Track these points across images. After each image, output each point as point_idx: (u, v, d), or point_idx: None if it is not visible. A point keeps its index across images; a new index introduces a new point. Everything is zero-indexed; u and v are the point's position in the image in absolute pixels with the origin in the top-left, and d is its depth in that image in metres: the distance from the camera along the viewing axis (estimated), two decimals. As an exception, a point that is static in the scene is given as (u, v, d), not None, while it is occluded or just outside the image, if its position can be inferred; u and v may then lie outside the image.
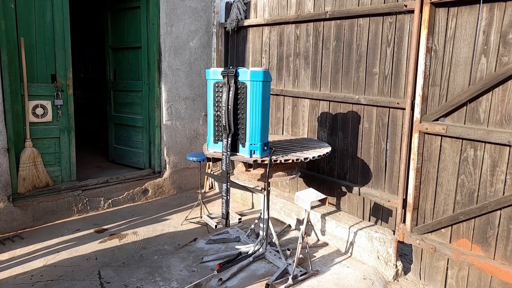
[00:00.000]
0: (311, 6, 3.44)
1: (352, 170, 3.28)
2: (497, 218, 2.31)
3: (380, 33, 2.94)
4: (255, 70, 2.49)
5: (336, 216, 3.22)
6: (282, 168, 2.77)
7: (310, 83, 3.55)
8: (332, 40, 3.31)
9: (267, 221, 2.91)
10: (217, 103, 2.61)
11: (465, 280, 2.51)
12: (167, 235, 3.38)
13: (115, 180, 4.11)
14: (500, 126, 2.26)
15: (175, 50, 4.27)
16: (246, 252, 2.97)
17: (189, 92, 4.45)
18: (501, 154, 2.27)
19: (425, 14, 2.49)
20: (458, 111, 2.44)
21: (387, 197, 2.95)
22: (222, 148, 2.61)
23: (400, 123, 2.87)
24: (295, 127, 3.77)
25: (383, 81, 2.96)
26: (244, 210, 4.04)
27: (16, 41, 3.32)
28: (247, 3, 4.14)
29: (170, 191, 4.43)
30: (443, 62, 2.50)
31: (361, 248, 2.98)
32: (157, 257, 2.98)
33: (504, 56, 2.22)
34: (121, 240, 3.26)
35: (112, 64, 4.74)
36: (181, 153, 4.46)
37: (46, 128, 3.63)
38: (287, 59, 3.77)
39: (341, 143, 3.34)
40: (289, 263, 2.78)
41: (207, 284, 2.63)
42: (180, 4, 4.23)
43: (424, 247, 2.64)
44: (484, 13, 2.29)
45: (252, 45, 4.15)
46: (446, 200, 2.56)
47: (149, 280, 2.67)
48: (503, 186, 2.27)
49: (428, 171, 2.63)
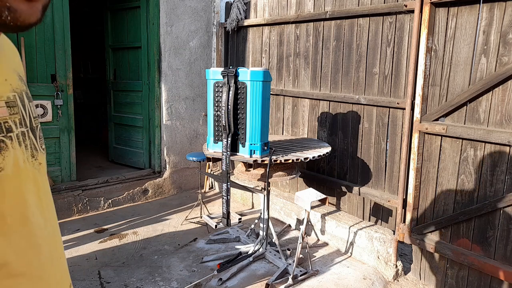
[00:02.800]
0: (311, 6, 3.44)
1: (352, 170, 3.28)
2: (497, 218, 2.31)
3: (380, 33, 2.94)
4: (255, 70, 2.49)
5: (336, 216, 3.22)
6: (282, 168, 2.77)
7: (310, 83, 3.55)
8: (332, 40, 3.31)
9: (267, 221, 2.91)
10: (217, 103, 2.61)
11: (465, 280, 2.51)
12: (167, 235, 3.38)
13: (115, 180, 4.11)
14: (500, 126, 2.26)
15: (175, 50, 4.27)
16: (246, 252, 2.97)
17: (189, 92, 4.45)
18: (501, 154, 2.27)
19: (425, 14, 2.49)
20: (458, 111, 2.44)
21: (387, 197, 2.95)
22: (222, 148, 2.61)
23: (400, 123, 2.87)
24: (295, 127, 3.77)
25: (383, 81, 2.96)
26: (244, 210, 4.04)
27: (16, 41, 3.32)
28: (247, 3, 4.14)
29: (170, 191, 4.43)
30: (443, 62, 2.50)
31: (361, 248, 2.98)
32: (157, 257, 2.98)
33: (504, 56, 2.22)
34: (121, 240, 3.26)
35: (112, 64, 4.74)
36: (181, 153, 4.46)
37: (46, 128, 3.63)
38: (287, 59, 3.77)
39: (341, 143, 3.34)
40: (289, 263, 2.78)
41: (207, 284, 2.63)
42: (180, 4, 4.23)
43: (424, 247, 2.64)
44: (484, 13, 2.29)
45: (252, 45, 4.15)
46: (446, 200, 2.56)
47: (149, 280, 2.67)
48: (503, 186, 2.27)
49: (428, 171, 2.63)
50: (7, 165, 0.55)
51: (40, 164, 0.66)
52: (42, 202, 0.65)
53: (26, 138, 0.62)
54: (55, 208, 0.74)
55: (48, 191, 0.70)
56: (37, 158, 0.65)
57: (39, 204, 0.64)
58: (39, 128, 0.68)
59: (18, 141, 0.59)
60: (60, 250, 0.71)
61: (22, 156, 0.59)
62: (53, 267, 0.66)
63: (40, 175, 0.65)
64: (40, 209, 0.64)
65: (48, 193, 0.70)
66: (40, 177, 0.65)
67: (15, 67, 0.67)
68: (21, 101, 0.62)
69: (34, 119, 0.66)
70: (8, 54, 0.67)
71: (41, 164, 0.66)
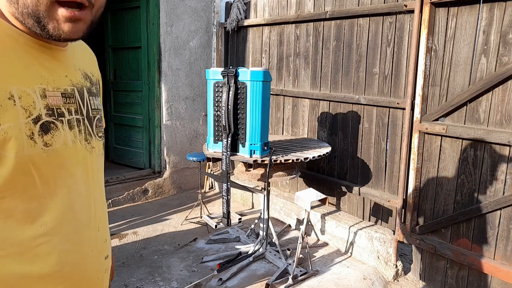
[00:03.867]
0: (311, 6, 3.44)
1: (352, 170, 3.28)
2: (497, 218, 2.31)
3: (380, 33, 2.94)
4: (255, 70, 2.49)
5: (336, 216, 3.22)
6: (282, 168, 2.77)
7: (310, 83, 3.55)
8: (332, 40, 3.31)
9: (267, 221, 2.91)
10: (217, 103, 2.61)
11: (465, 280, 2.51)
12: (167, 235, 3.38)
13: (115, 180, 4.11)
14: (500, 126, 2.26)
15: (175, 50, 4.27)
16: (246, 252, 2.97)
17: (189, 92, 4.45)
18: (501, 154, 2.27)
19: (425, 14, 2.49)
20: (458, 111, 2.44)
21: (387, 197, 2.95)
22: (222, 148, 2.61)
23: (400, 123, 2.87)
24: (295, 127, 3.77)
25: (383, 81, 2.96)
26: (244, 210, 4.04)
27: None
28: (247, 3, 4.14)
29: (170, 191, 4.43)
30: (443, 62, 2.49)
31: (361, 248, 2.98)
32: (157, 257, 2.98)
33: (504, 56, 2.22)
34: (121, 240, 3.26)
35: (112, 64, 4.74)
36: (181, 153, 4.46)
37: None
38: (287, 59, 3.77)
39: (341, 143, 3.34)
40: (289, 263, 2.78)
41: (207, 284, 2.63)
42: (180, 4, 4.23)
43: (424, 247, 2.64)
44: (484, 13, 2.29)
45: (252, 45, 4.15)
46: (446, 200, 2.55)
47: (149, 280, 2.67)
48: (503, 186, 2.27)
49: (428, 171, 2.63)
50: (56, 142, 0.68)
51: (94, 148, 0.80)
52: (89, 178, 0.77)
53: (80, 124, 0.76)
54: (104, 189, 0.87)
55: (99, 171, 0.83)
56: (90, 142, 0.79)
57: (86, 179, 0.76)
58: (97, 118, 0.83)
59: (69, 125, 0.72)
60: (100, 223, 0.82)
61: (72, 137, 0.72)
62: (89, 235, 0.77)
63: (91, 156, 0.79)
64: (86, 183, 0.76)
65: (99, 172, 0.83)
66: (91, 158, 0.78)
67: (83, 67, 0.82)
68: (79, 94, 0.77)
69: (92, 110, 0.81)
70: (78, 55, 0.83)
71: (94, 148, 0.80)
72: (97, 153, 0.81)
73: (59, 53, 0.74)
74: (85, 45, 0.90)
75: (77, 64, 0.80)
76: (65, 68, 0.75)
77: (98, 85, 0.90)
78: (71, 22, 0.66)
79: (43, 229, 0.67)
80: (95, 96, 0.84)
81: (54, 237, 0.68)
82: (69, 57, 0.77)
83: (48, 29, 0.65)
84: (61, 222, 0.70)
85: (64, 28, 0.66)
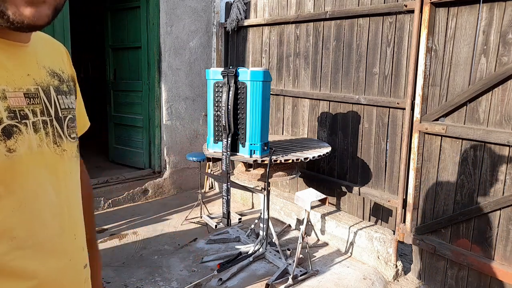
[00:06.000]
0: (311, 6, 3.44)
1: (352, 170, 3.28)
2: (497, 218, 2.31)
3: (380, 33, 2.94)
4: (255, 70, 2.49)
5: (336, 216, 3.22)
6: (282, 168, 2.77)
7: (310, 83, 3.55)
8: (332, 40, 3.31)
9: (267, 221, 2.91)
10: (217, 103, 2.61)
11: (465, 280, 2.51)
12: (167, 235, 3.38)
13: (115, 180, 4.11)
14: (499, 126, 2.26)
15: (175, 50, 4.27)
16: (246, 252, 2.97)
17: (189, 92, 4.45)
18: (500, 154, 2.27)
19: (425, 14, 2.49)
20: (458, 111, 2.44)
21: (387, 197, 2.95)
22: (222, 148, 2.61)
23: (400, 123, 2.87)
24: (295, 127, 3.77)
25: (383, 81, 2.96)
26: (244, 210, 4.04)
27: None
28: (247, 3, 4.14)
29: (170, 191, 4.43)
30: (443, 62, 2.50)
31: (361, 248, 2.98)
32: (157, 257, 2.98)
33: (504, 56, 2.22)
34: (121, 240, 3.26)
35: (112, 64, 4.74)
36: (181, 153, 4.46)
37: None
38: (287, 59, 3.77)
39: (341, 143, 3.35)
40: (289, 263, 2.78)
41: (207, 284, 2.63)
42: (180, 4, 4.23)
43: (424, 247, 2.65)
44: (484, 13, 2.29)
45: (252, 45, 4.15)
46: (446, 200, 2.56)
47: (149, 280, 2.67)
48: (503, 186, 2.28)
49: (428, 171, 2.63)
50: (20, 148, 0.61)
51: (65, 150, 0.73)
52: (60, 184, 0.71)
53: (47, 126, 0.69)
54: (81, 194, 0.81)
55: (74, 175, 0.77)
56: (60, 144, 0.72)
57: (56, 185, 0.70)
58: (69, 118, 0.76)
59: (34, 128, 0.65)
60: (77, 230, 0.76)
61: (38, 141, 0.66)
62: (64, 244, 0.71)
63: (62, 160, 0.72)
64: (57, 189, 0.70)
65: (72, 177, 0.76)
66: (62, 162, 0.72)
67: (48, 64, 0.75)
68: (45, 94, 0.70)
69: (62, 110, 0.74)
70: (43, 52, 0.75)
71: (65, 151, 0.73)
72: (69, 155, 0.75)
73: (19, 50, 0.67)
74: (53, 40, 0.83)
75: (41, 61, 0.73)
76: (26, 66, 0.68)
77: (70, 82, 0.82)
78: (32, 6, 0.59)
79: (14, 243, 0.61)
80: (65, 95, 0.76)
81: (26, 250, 0.63)
82: (31, 54, 0.70)
83: (8, 15, 0.57)
84: (31, 233, 0.64)
85: (26, 13, 0.58)
